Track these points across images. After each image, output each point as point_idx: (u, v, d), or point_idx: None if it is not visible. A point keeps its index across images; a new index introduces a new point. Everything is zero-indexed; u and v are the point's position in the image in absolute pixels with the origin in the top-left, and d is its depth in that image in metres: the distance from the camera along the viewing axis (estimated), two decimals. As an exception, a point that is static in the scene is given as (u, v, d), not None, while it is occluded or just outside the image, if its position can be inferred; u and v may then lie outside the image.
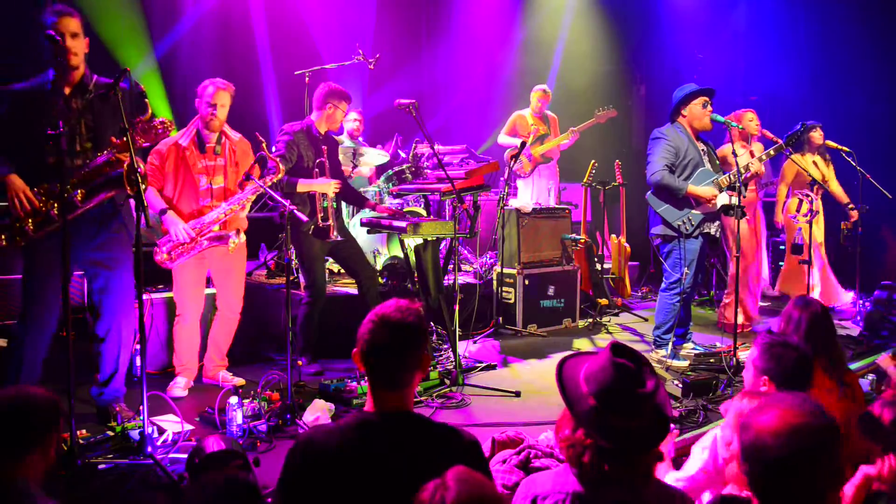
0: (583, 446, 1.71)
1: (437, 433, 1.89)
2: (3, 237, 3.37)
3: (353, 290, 5.16)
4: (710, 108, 4.94)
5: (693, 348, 5.20)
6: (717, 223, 5.01)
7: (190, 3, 7.14)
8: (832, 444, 1.52)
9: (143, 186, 3.16)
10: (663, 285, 5.06)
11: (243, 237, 4.25)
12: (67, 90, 3.48)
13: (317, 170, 4.65)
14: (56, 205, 3.34)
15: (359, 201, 5.06)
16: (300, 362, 4.50)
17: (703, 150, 4.99)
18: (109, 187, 3.45)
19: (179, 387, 4.26)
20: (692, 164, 4.89)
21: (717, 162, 5.11)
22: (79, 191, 3.38)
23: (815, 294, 6.40)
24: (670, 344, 5.04)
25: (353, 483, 1.75)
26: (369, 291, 4.81)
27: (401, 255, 5.35)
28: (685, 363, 4.93)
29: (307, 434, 1.88)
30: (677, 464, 2.66)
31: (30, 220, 3.36)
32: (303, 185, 4.53)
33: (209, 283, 4.53)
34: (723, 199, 4.84)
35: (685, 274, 4.88)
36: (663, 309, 5.04)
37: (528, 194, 7.26)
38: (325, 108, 4.66)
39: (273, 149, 4.61)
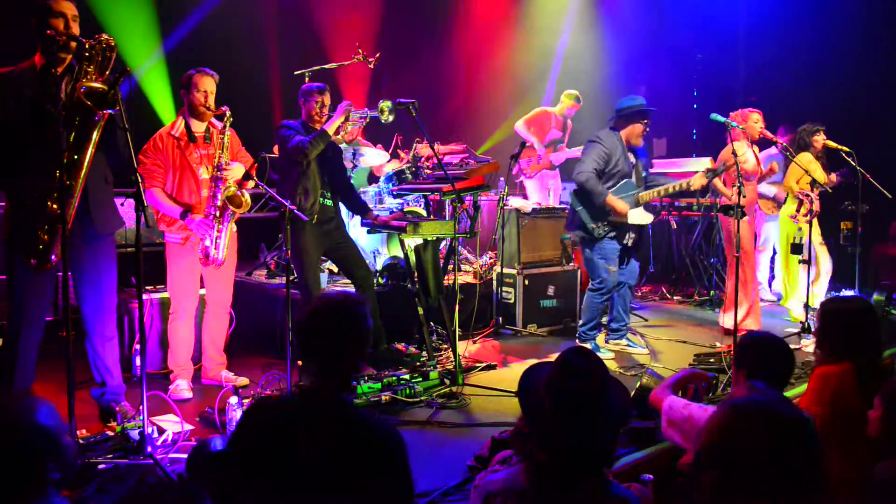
0: (525, 436, 1.76)
1: (359, 421, 1.94)
2: (31, 259, 3.28)
3: (353, 290, 5.15)
4: (647, 127, 5.10)
5: (627, 345, 5.27)
6: (631, 234, 5.09)
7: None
8: (813, 443, 1.52)
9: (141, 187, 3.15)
10: (591, 285, 5.14)
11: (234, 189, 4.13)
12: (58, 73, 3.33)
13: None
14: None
15: (362, 210, 4.97)
16: (300, 362, 4.50)
17: (632, 162, 5.11)
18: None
19: (184, 388, 4.25)
20: (619, 174, 5.01)
21: (643, 176, 5.19)
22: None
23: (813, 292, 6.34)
24: (596, 340, 5.16)
25: (282, 451, 1.85)
26: (366, 291, 4.80)
27: (401, 255, 5.34)
28: (610, 355, 5.04)
29: (262, 398, 2.05)
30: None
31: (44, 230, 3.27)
32: (330, 126, 4.46)
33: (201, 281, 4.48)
34: (633, 214, 4.94)
35: (610, 272, 4.99)
36: (589, 307, 5.12)
37: (538, 195, 7.34)
38: (303, 106, 4.68)
39: (277, 145, 4.62)
